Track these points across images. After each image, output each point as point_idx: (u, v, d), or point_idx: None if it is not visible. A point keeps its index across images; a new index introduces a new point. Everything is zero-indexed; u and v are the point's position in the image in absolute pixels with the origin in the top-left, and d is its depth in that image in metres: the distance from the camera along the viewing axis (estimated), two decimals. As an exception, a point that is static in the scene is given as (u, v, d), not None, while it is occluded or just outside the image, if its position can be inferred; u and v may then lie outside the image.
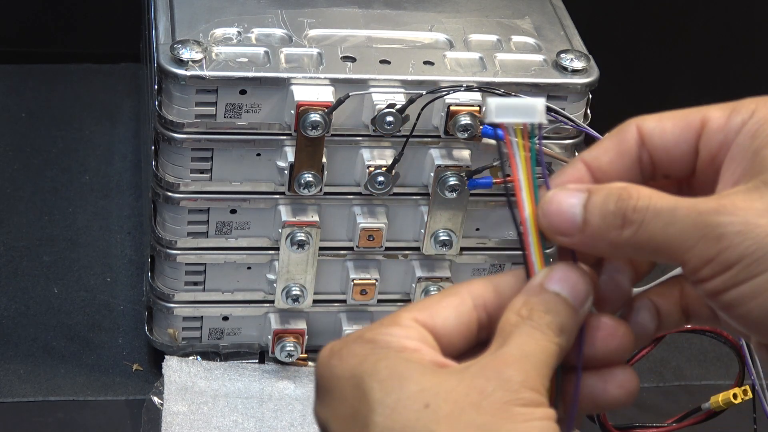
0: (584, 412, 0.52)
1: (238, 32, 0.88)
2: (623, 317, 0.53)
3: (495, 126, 0.50)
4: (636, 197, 0.49)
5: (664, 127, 0.52)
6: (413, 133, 0.86)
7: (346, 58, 0.87)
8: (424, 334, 0.50)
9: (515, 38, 0.92)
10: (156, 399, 0.93)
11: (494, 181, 0.88)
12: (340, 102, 0.85)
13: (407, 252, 0.94)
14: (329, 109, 0.84)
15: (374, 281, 0.93)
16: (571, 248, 0.50)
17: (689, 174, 0.52)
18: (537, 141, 0.50)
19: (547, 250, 0.51)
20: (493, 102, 0.50)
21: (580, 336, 0.50)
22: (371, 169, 0.88)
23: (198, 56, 0.84)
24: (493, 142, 0.87)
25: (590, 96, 0.90)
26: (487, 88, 0.86)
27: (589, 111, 0.91)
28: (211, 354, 0.96)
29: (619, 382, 0.51)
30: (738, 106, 0.51)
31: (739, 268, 0.47)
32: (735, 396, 0.84)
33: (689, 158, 0.52)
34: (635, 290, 0.54)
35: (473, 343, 0.51)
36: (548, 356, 0.48)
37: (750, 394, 0.84)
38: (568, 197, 0.50)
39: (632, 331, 0.51)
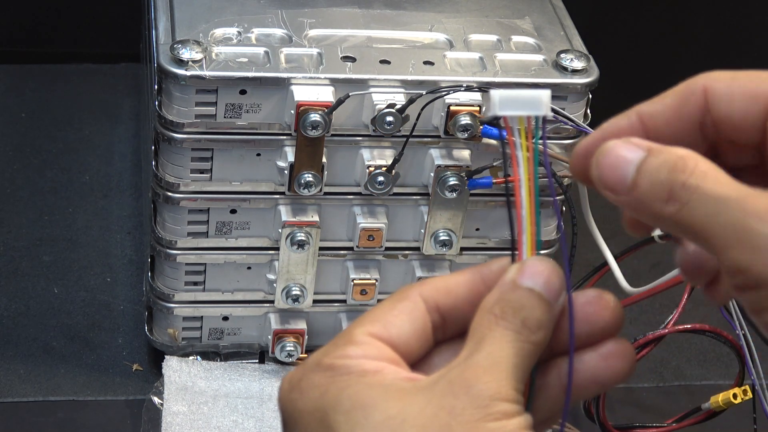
0: (588, 396, 0.50)
1: (238, 32, 0.88)
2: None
3: (498, 118, 0.48)
4: (690, 172, 0.44)
5: (733, 94, 0.47)
6: (413, 133, 0.86)
7: (346, 58, 0.87)
8: (382, 348, 0.48)
9: (515, 38, 0.92)
10: (156, 399, 0.93)
11: (494, 181, 0.88)
12: (340, 102, 0.85)
13: (407, 252, 0.94)
14: (329, 109, 0.84)
15: (374, 281, 0.93)
16: (618, 204, 0.47)
17: (758, 144, 0.48)
18: (540, 135, 0.48)
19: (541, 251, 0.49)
20: (497, 93, 0.48)
21: (570, 318, 0.48)
22: (371, 169, 0.88)
23: (198, 56, 0.84)
24: (493, 142, 0.87)
25: (590, 96, 0.90)
26: (487, 88, 0.86)
27: (589, 111, 0.91)
28: (211, 354, 0.96)
29: (619, 353, 0.48)
30: None
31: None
32: (735, 396, 0.84)
33: (757, 133, 0.47)
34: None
35: (430, 346, 0.50)
36: (523, 358, 0.46)
37: (750, 394, 0.84)
38: (627, 151, 0.46)
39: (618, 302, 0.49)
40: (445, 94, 0.85)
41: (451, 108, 0.86)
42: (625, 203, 0.46)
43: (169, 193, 0.89)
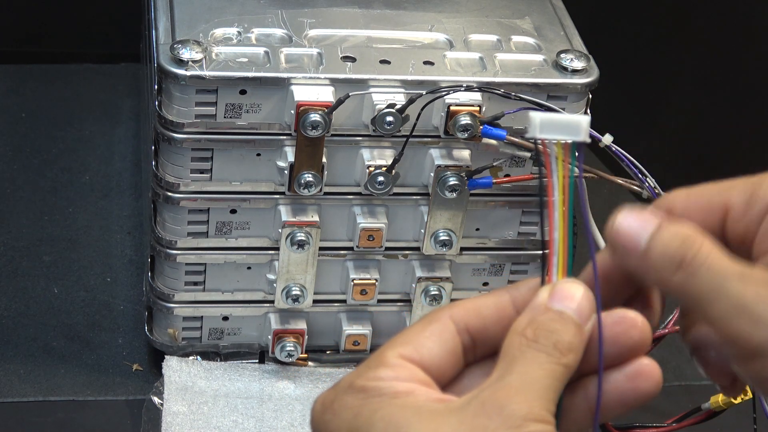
0: (614, 417, 0.51)
1: (238, 32, 0.88)
2: None
3: (536, 141, 0.49)
4: (698, 247, 0.48)
5: (690, 210, 0.52)
6: (413, 133, 0.86)
7: (346, 58, 0.87)
8: (413, 370, 0.49)
9: (515, 38, 0.92)
10: (156, 399, 0.93)
11: (494, 181, 0.88)
12: (340, 102, 0.85)
13: (407, 252, 0.94)
14: (329, 109, 0.84)
15: (374, 281, 0.93)
16: (624, 270, 0.50)
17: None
18: (577, 160, 0.49)
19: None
20: (537, 117, 0.49)
21: (599, 338, 0.49)
22: (371, 169, 0.88)
23: (198, 56, 0.84)
24: (493, 142, 0.87)
25: (590, 96, 0.90)
26: (487, 88, 0.86)
27: (589, 111, 0.91)
28: (211, 354, 0.96)
29: (645, 374, 0.50)
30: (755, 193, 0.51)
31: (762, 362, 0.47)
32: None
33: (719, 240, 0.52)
34: None
35: (461, 367, 0.50)
36: (554, 379, 0.47)
37: (750, 394, 0.84)
38: (642, 220, 0.49)
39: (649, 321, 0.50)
40: (445, 94, 0.85)
41: (451, 108, 0.86)
42: (635, 267, 0.49)
43: (169, 193, 0.89)
